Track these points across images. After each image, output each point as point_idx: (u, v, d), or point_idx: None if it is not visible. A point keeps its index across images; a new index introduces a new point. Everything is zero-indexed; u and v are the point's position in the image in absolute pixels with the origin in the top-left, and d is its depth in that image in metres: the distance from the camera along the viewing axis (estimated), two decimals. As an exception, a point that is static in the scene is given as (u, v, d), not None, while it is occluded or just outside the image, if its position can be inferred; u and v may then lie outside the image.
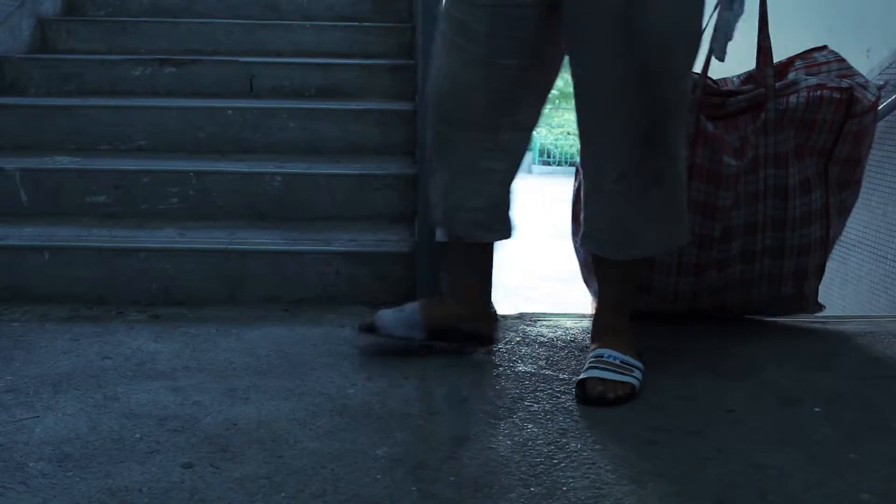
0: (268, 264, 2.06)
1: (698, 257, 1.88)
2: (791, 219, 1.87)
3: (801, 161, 1.87)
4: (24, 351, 1.72)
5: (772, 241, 1.89)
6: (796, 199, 1.86)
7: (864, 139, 1.91)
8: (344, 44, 3.40)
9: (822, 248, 1.94)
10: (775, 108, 1.87)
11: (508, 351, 1.79)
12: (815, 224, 1.89)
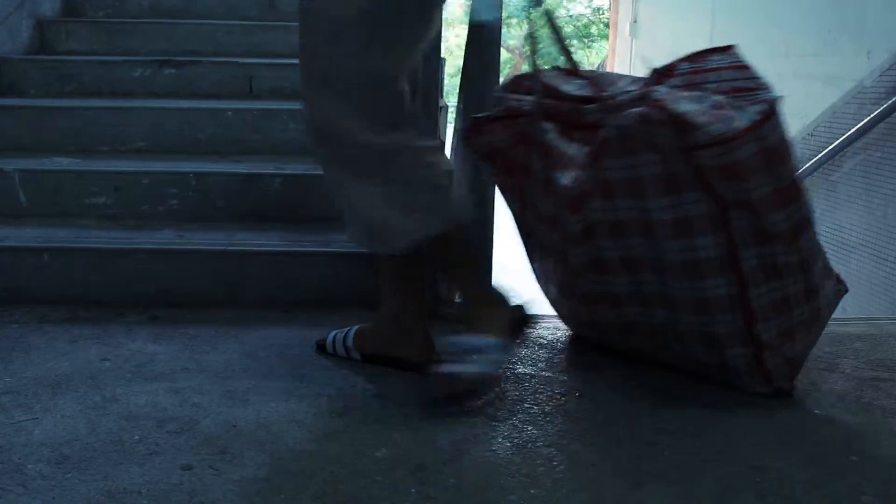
0: (267, 265, 2.06)
1: (573, 284, 1.73)
2: (670, 264, 1.54)
3: (672, 195, 1.50)
4: (22, 352, 1.72)
5: (656, 286, 1.59)
6: (669, 242, 1.52)
7: (746, 176, 1.43)
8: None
9: (737, 310, 1.53)
10: (616, 125, 1.53)
11: (508, 353, 1.79)
12: (712, 279, 1.51)
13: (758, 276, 1.51)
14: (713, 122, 1.42)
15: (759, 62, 4.54)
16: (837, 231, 4.04)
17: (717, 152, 1.41)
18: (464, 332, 1.56)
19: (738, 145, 1.41)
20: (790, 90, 4.69)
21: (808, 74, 4.56)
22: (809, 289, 1.56)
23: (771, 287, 1.52)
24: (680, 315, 1.58)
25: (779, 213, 1.46)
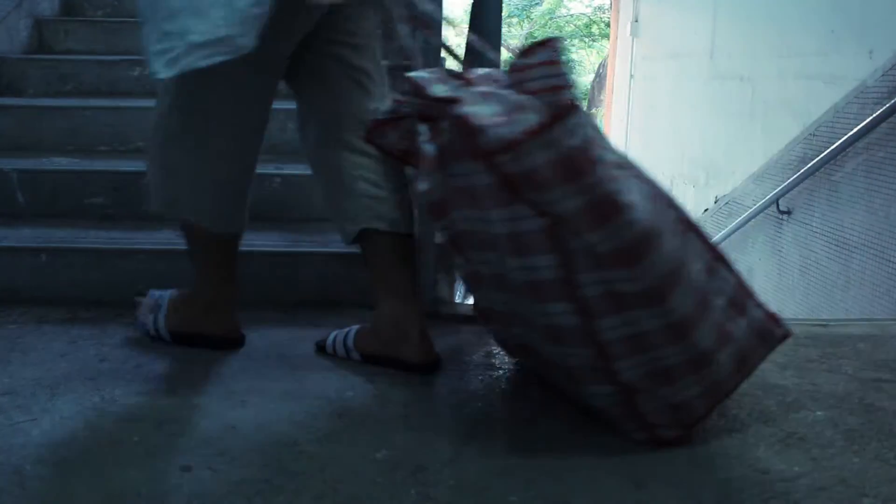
0: (266, 266, 2.05)
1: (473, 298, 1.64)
2: (515, 283, 1.37)
3: (505, 207, 1.31)
4: (20, 353, 1.71)
5: (514, 306, 1.45)
6: (510, 259, 1.35)
7: (544, 187, 1.24)
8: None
9: (587, 345, 1.33)
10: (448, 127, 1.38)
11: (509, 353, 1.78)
12: (555, 303, 1.33)
13: (603, 306, 1.29)
14: (501, 126, 1.25)
15: (761, 61, 4.55)
16: (839, 231, 4.04)
17: (507, 158, 1.24)
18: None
19: (526, 151, 1.22)
20: (792, 90, 4.70)
21: (811, 74, 4.55)
22: (675, 326, 1.29)
23: (623, 320, 1.29)
24: (544, 342, 1.42)
25: (596, 233, 1.24)
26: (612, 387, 1.35)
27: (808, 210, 4.38)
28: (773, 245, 4.79)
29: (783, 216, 4.63)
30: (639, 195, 1.26)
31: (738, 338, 1.37)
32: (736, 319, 1.38)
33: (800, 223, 4.48)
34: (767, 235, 4.85)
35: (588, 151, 1.25)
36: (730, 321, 1.36)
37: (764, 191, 4.85)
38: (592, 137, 1.27)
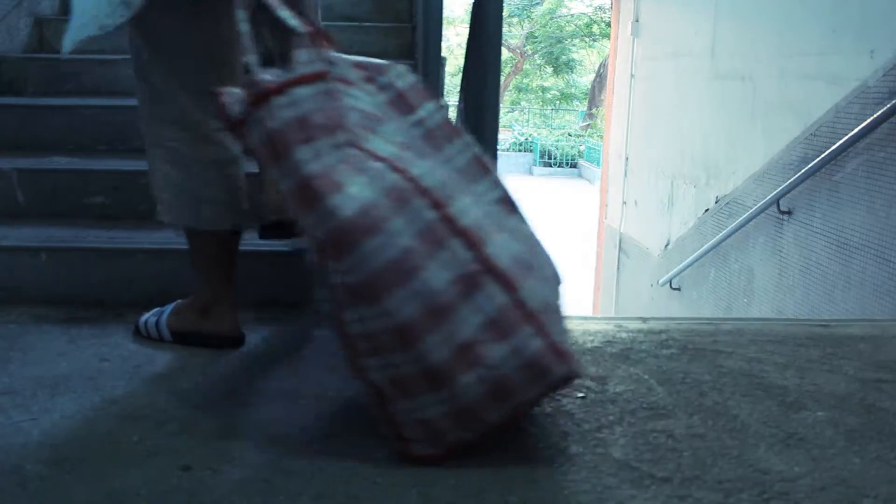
0: (267, 265, 2.05)
1: None
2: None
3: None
4: (20, 352, 1.71)
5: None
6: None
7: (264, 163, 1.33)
8: (344, 44, 3.38)
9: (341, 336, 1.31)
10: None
11: (509, 353, 1.78)
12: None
13: (340, 294, 1.25)
14: (235, 104, 1.31)
15: (762, 61, 4.56)
16: (840, 231, 4.04)
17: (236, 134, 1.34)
18: None
19: (246, 129, 1.31)
20: (793, 90, 4.69)
21: (812, 74, 4.55)
22: (398, 330, 1.22)
23: (354, 314, 1.25)
24: None
25: (306, 217, 1.25)
26: (366, 385, 1.31)
27: (808, 210, 4.38)
28: (773, 245, 4.79)
29: (784, 216, 4.63)
30: (364, 187, 1.24)
31: (493, 364, 1.22)
32: (492, 343, 1.23)
33: (801, 223, 4.48)
34: (768, 236, 4.85)
35: (286, 135, 1.27)
36: (483, 343, 1.22)
37: (765, 191, 4.85)
38: (305, 120, 1.28)
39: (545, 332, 1.25)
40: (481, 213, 1.32)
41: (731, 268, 5.42)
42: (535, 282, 1.29)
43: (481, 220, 1.30)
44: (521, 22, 25.71)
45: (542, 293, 1.30)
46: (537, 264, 1.34)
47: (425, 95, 1.45)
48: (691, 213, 6.32)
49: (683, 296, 6.34)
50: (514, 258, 1.29)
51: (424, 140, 1.39)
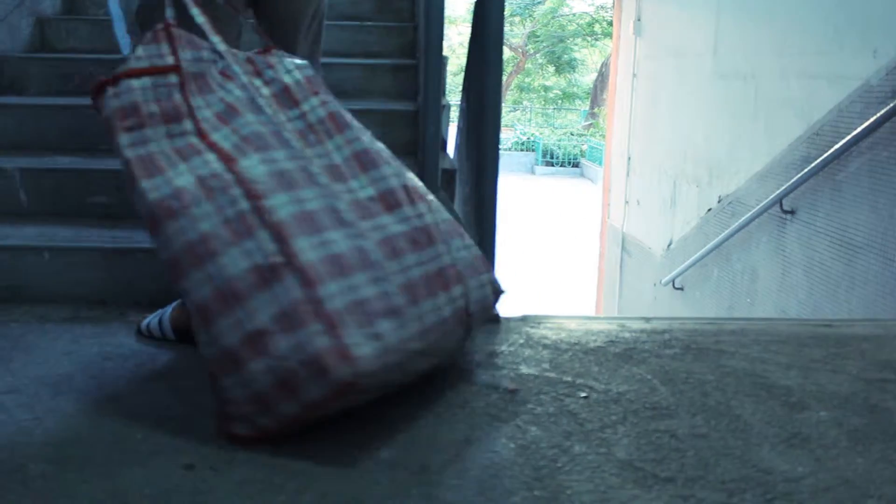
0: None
1: None
2: None
3: None
4: (23, 352, 1.71)
5: None
6: None
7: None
8: (345, 43, 3.38)
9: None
10: None
11: (512, 353, 1.78)
12: None
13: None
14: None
15: (764, 60, 4.56)
16: (843, 231, 4.03)
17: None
18: None
19: (104, 101, 1.43)
20: (795, 89, 4.69)
21: (814, 73, 4.55)
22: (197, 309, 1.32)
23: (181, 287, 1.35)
24: None
25: (130, 195, 1.39)
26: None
27: (811, 210, 4.38)
28: (776, 245, 4.79)
29: (787, 216, 4.63)
30: (183, 174, 1.35)
31: (279, 356, 1.25)
32: (281, 335, 1.26)
33: (803, 223, 4.48)
34: (771, 235, 4.85)
35: (111, 121, 1.43)
36: (272, 334, 1.26)
37: (767, 190, 4.85)
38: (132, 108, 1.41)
39: (336, 333, 1.25)
40: (325, 207, 1.36)
41: (734, 267, 5.41)
42: (355, 282, 1.31)
43: (320, 214, 1.34)
44: (522, 21, 25.72)
45: (362, 293, 1.31)
46: (379, 264, 1.36)
47: (311, 91, 1.52)
48: (694, 212, 6.32)
49: (686, 295, 6.33)
50: (332, 256, 1.31)
51: (302, 134, 1.47)
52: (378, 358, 1.28)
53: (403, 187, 1.47)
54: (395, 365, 1.33)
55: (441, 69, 2.07)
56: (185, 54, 1.45)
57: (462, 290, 1.48)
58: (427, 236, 1.45)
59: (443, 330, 1.43)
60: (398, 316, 1.33)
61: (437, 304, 1.41)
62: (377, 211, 1.42)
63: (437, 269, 1.44)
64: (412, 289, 1.38)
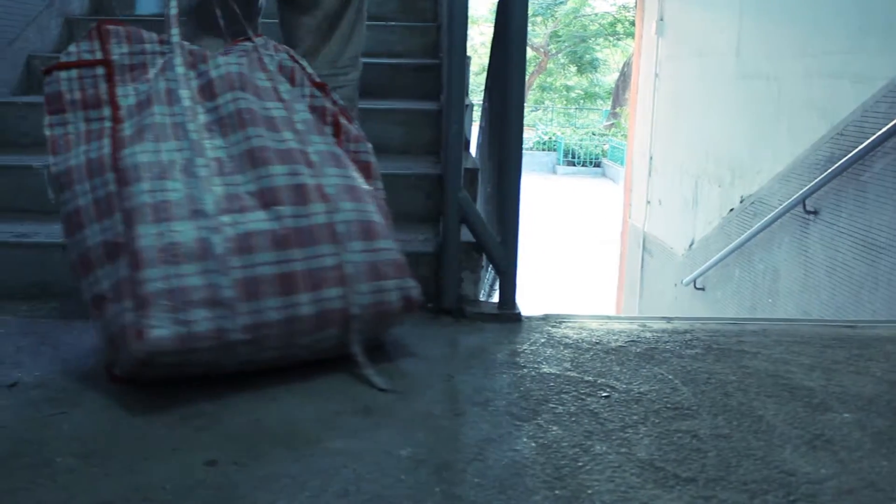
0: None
1: None
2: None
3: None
4: (51, 347, 1.74)
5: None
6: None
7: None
8: (369, 43, 3.39)
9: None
10: None
11: (533, 352, 1.78)
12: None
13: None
14: None
15: (787, 60, 4.53)
16: (867, 232, 4.00)
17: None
18: None
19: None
20: (818, 88, 4.66)
21: (837, 73, 4.51)
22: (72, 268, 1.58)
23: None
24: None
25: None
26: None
27: (835, 210, 4.34)
28: (799, 245, 4.76)
29: (810, 216, 4.59)
30: (79, 154, 1.56)
31: (107, 319, 1.49)
32: (111, 302, 1.48)
33: (827, 223, 4.44)
34: (793, 236, 4.82)
35: (44, 105, 1.61)
36: (107, 300, 1.49)
37: (790, 191, 4.82)
38: (57, 96, 1.60)
39: (141, 312, 1.39)
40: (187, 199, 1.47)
41: (755, 268, 5.38)
42: (182, 271, 1.43)
43: (176, 205, 1.46)
44: (545, 21, 25.66)
45: (186, 282, 1.42)
46: (220, 258, 1.45)
47: (230, 86, 1.59)
48: (716, 212, 6.29)
49: (707, 296, 6.30)
50: (168, 245, 1.43)
51: (209, 126, 1.57)
52: (179, 341, 1.40)
53: (294, 187, 1.52)
54: (210, 350, 1.44)
55: (464, 69, 2.07)
56: (121, 48, 1.60)
57: (341, 292, 1.53)
58: (307, 237, 1.50)
59: (294, 327, 1.50)
60: (222, 307, 1.43)
61: (292, 301, 1.48)
62: (250, 206, 1.49)
63: (306, 269, 1.49)
64: (253, 284, 1.45)
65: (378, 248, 1.58)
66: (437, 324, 1.94)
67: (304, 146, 1.58)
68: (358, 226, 1.56)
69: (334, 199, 1.55)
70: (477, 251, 2.04)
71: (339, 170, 1.60)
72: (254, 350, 1.50)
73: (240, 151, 1.54)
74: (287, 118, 1.59)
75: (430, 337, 1.86)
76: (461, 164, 2.00)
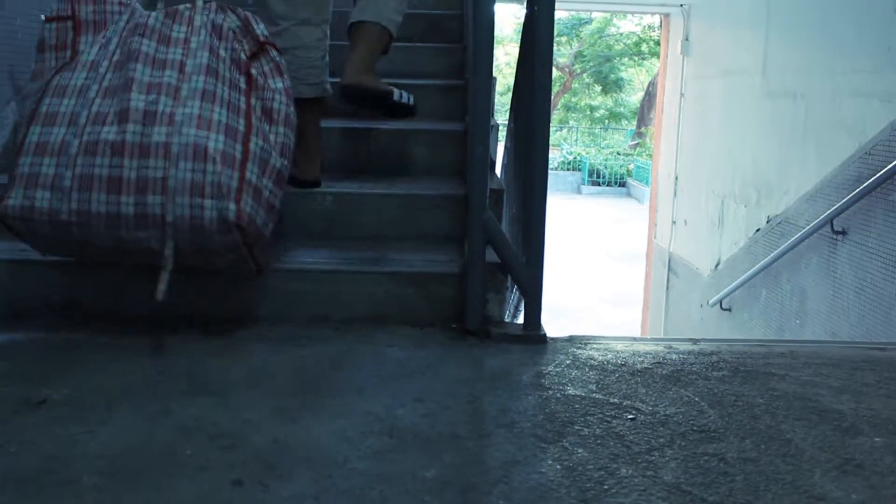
0: (318, 283, 2.07)
1: None
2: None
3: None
4: (80, 365, 1.75)
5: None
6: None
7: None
8: (396, 64, 3.42)
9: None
10: None
11: (558, 374, 1.77)
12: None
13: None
14: None
15: (814, 79, 4.50)
16: (896, 252, 3.95)
17: None
18: None
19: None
20: (846, 107, 4.62)
21: (866, 91, 4.48)
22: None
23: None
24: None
25: None
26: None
27: (863, 230, 4.30)
28: (827, 265, 4.71)
29: (838, 236, 4.55)
30: (38, 84, 1.96)
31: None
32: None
33: (855, 243, 4.40)
34: (821, 256, 4.77)
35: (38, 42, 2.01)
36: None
37: (817, 210, 4.78)
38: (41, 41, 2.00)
39: (9, 186, 1.87)
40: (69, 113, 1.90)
41: (783, 288, 5.33)
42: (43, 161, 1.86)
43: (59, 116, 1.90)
44: (569, 41, 25.70)
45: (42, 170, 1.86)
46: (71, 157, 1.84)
47: (139, 33, 1.95)
48: (742, 232, 6.24)
49: (734, 317, 6.25)
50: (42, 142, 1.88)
51: (117, 62, 1.95)
52: (20, 210, 1.85)
53: (146, 111, 1.84)
54: (49, 224, 1.85)
55: (490, 90, 2.08)
56: (87, 7, 2.01)
57: (160, 200, 1.81)
58: (142, 150, 1.81)
59: (119, 222, 1.83)
60: (60, 192, 1.83)
61: (117, 200, 1.81)
62: (109, 122, 1.84)
63: (134, 176, 1.81)
64: (87, 180, 1.82)
65: (205, 171, 1.82)
66: (463, 345, 1.94)
67: (179, 83, 1.89)
68: (192, 149, 1.82)
69: (179, 125, 1.83)
70: (502, 272, 2.04)
71: (202, 104, 1.87)
72: (84, 233, 1.86)
73: (120, 81, 1.89)
74: (178, 61, 1.92)
75: (456, 358, 1.86)
76: (486, 186, 2.00)
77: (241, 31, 2.00)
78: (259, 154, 1.92)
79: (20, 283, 2.09)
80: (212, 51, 1.94)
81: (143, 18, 1.98)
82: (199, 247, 1.87)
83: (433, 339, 1.96)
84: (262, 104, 1.99)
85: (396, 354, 1.85)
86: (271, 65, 2.02)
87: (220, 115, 1.88)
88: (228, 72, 1.95)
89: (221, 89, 1.92)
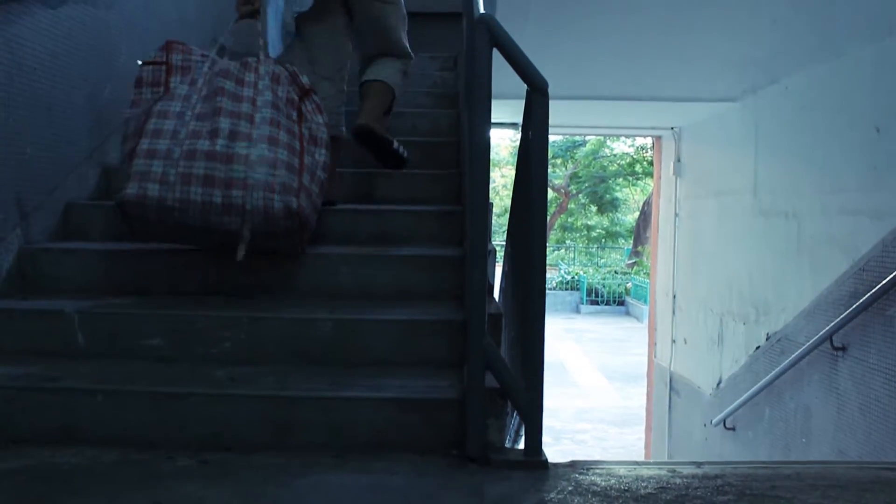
0: (317, 410, 2.06)
1: None
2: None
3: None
4: (72, 495, 1.72)
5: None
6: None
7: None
8: (393, 190, 3.50)
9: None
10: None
11: (560, 500, 1.74)
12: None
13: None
14: None
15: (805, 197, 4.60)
16: (897, 369, 3.93)
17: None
18: None
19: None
20: (838, 225, 4.70)
21: (855, 209, 4.57)
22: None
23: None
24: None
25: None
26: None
27: (863, 346, 4.30)
28: (829, 382, 4.68)
29: (838, 352, 4.54)
30: (138, 110, 2.65)
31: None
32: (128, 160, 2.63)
33: (856, 359, 4.38)
34: (823, 373, 4.75)
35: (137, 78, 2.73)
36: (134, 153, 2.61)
37: (816, 327, 4.78)
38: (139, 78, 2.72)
39: (128, 183, 2.54)
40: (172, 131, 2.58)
41: (786, 406, 5.28)
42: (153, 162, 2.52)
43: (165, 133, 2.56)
44: (564, 163, 26.25)
45: (153, 168, 2.51)
46: (175, 161, 2.52)
47: (222, 75, 2.65)
48: (742, 350, 6.23)
49: (738, 436, 6.15)
50: (152, 149, 2.55)
51: (204, 95, 2.64)
52: (136, 197, 2.50)
53: (231, 131, 2.53)
54: (157, 209, 2.52)
55: (486, 216, 2.12)
56: (176, 56, 2.71)
57: (241, 194, 2.49)
58: (227, 158, 2.49)
59: (210, 208, 2.50)
60: (167, 185, 2.49)
61: (210, 192, 2.48)
62: (203, 137, 2.52)
63: (223, 176, 2.49)
64: (187, 177, 2.48)
65: (275, 175, 2.53)
66: (463, 472, 1.91)
67: (253, 112, 2.58)
68: (266, 159, 2.53)
69: (255, 141, 2.54)
70: (501, 397, 2.03)
71: (271, 128, 2.58)
72: (183, 216, 2.51)
73: (210, 109, 2.57)
74: (251, 97, 2.61)
75: (456, 486, 1.83)
76: (484, 311, 2.02)
77: (289, 80, 2.72)
78: (309, 166, 2.65)
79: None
80: (273, 91, 2.64)
81: (225, 66, 2.65)
82: (267, 229, 2.54)
83: (434, 466, 1.93)
84: (310, 132, 2.71)
85: (397, 483, 1.82)
86: (313, 105, 2.76)
87: (283, 136, 2.59)
88: (285, 107, 2.66)
89: (282, 119, 2.62)
